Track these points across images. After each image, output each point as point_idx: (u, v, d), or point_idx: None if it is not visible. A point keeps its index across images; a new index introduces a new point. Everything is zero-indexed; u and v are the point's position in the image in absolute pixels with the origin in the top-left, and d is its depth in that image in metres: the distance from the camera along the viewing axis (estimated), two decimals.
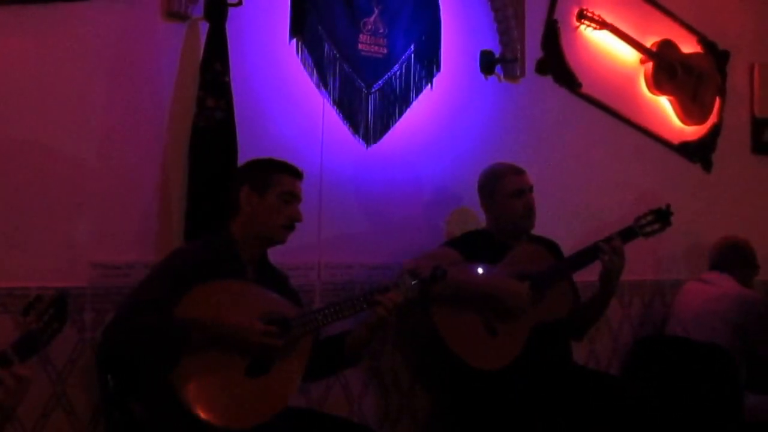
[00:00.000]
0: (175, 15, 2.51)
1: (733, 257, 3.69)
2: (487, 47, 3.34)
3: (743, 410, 3.29)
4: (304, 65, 2.81)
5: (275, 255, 2.43)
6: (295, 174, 2.35)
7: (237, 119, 2.53)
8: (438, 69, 3.12)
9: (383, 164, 3.02)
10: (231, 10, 2.54)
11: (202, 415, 2.00)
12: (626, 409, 2.71)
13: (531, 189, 2.91)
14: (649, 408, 2.76)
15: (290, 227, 2.31)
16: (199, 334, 2.02)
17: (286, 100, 2.81)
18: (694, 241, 3.94)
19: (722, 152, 4.37)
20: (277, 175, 2.31)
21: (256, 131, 2.66)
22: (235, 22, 2.59)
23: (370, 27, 2.95)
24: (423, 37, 3.08)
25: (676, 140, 4.17)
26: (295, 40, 2.77)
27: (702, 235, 3.90)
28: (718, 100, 4.36)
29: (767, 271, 4.17)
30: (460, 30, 3.29)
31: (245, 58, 2.67)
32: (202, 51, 2.52)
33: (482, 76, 3.33)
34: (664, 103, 4.13)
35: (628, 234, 2.91)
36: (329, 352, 2.37)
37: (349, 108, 2.90)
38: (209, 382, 2.05)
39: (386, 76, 2.99)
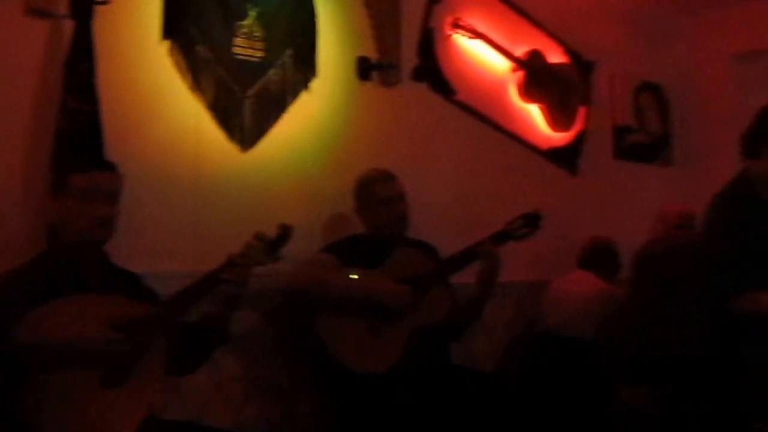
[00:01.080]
0: (37, 11, 2.39)
1: (596, 256, 3.87)
2: (364, 53, 3.37)
3: (612, 402, 3.47)
4: (177, 67, 2.74)
5: (148, 263, 2.35)
6: (99, 167, 2.15)
7: (105, 123, 2.43)
8: (314, 74, 3.12)
9: (260, 169, 2.98)
10: (99, 9, 2.45)
11: None
12: (503, 406, 2.77)
13: (402, 196, 2.94)
14: (525, 403, 2.83)
15: (101, 226, 2.12)
16: (39, 356, 1.88)
17: (159, 103, 2.73)
18: (564, 242, 4.10)
19: (587, 158, 4.56)
20: (74, 175, 2.12)
21: (125, 135, 2.57)
22: (103, 21, 2.49)
23: (245, 30, 2.91)
24: (299, 42, 3.07)
25: (544, 146, 4.32)
26: (167, 41, 2.70)
27: (570, 236, 4.05)
28: (583, 108, 4.54)
29: (626, 269, 4.43)
30: (337, 35, 3.29)
31: (114, 58, 2.57)
32: (67, 51, 2.41)
33: (359, 81, 3.35)
34: (533, 111, 4.27)
35: (501, 237, 3.00)
36: (191, 340, 2.28)
37: (224, 112, 2.85)
38: (65, 406, 1.91)
39: (262, 80, 2.96)
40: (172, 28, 2.70)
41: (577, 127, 4.52)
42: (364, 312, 2.72)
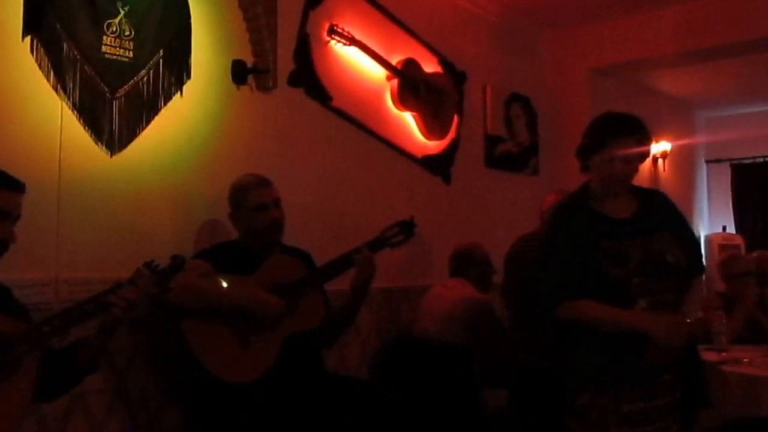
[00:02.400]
0: None
1: (466, 263, 3.96)
2: (239, 57, 3.32)
3: (480, 404, 3.59)
4: (40, 66, 2.60)
5: (5, 271, 2.22)
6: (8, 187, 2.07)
7: None
8: (188, 76, 3.05)
9: (130, 173, 2.88)
10: None
11: None
12: (375, 412, 2.80)
13: (277, 202, 2.92)
14: (397, 408, 2.88)
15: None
16: None
17: (18, 102, 2.58)
18: (437, 249, 4.20)
19: (460, 165, 4.69)
20: None
21: None
22: None
23: (115, 29, 2.80)
24: (172, 43, 2.99)
25: (419, 154, 4.40)
26: (29, 37, 2.57)
27: (444, 243, 4.14)
28: (456, 118, 4.65)
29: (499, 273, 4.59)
30: (212, 38, 3.23)
31: None
32: None
33: (234, 85, 3.31)
34: (408, 119, 4.34)
35: (376, 244, 3.05)
36: (61, 365, 2.18)
37: (91, 113, 2.73)
38: None
39: (133, 81, 2.86)
40: (34, 24, 2.56)
41: (451, 135, 4.63)
42: (235, 320, 2.68)
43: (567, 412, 2.48)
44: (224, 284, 2.70)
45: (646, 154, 2.54)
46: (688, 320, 2.41)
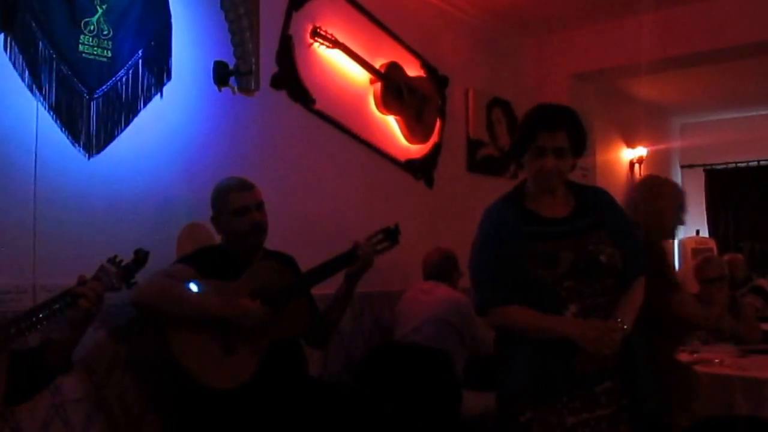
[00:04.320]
0: None
1: (444, 266, 3.90)
2: (221, 58, 3.21)
3: (461, 407, 3.51)
4: (15, 64, 2.48)
5: None
6: None
7: None
8: (168, 77, 2.93)
9: (108, 176, 2.77)
10: None
11: None
12: (358, 417, 2.75)
13: (259, 205, 2.83)
14: (380, 414, 2.83)
15: None
16: None
17: None
18: (420, 252, 4.12)
19: (442, 169, 4.63)
20: None
21: None
22: None
23: (92, 28, 2.68)
24: (152, 43, 2.88)
25: (402, 158, 4.34)
26: (2, 35, 2.44)
27: (427, 246, 4.05)
28: (438, 121, 4.60)
29: None
30: (193, 39, 3.13)
31: None
32: None
33: (216, 87, 3.20)
34: (391, 122, 4.28)
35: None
36: (30, 365, 2.10)
37: (68, 114, 2.61)
38: None
39: (111, 82, 2.74)
40: (8, 22, 2.44)
41: (434, 139, 4.58)
42: (219, 326, 2.59)
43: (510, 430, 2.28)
44: (203, 291, 2.59)
45: (575, 147, 2.30)
46: (623, 324, 2.21)
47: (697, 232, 8.35)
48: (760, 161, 8.19)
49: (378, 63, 4.12)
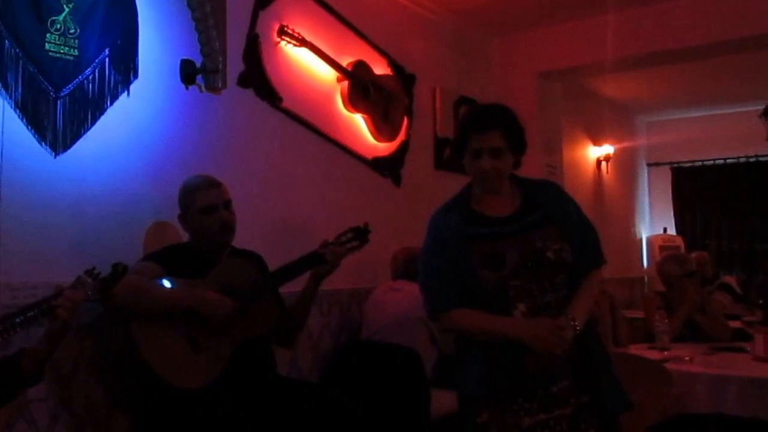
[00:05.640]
0: None
1: (413, 266, 3.89)
2: (188, 56, 3.25)
3: (430, 405, 3.56)
4: None
5: None
6: None
7: None
8: (135, 75, 2.97)
9: (74, 174, 2.80)
10: None
11: None
12: (326, 415, 2.79)
13: (227, 203, 2.86)
14: (347, 412, 2.86)
15: None
16: None
17: None
18: (388, 250, 4.18)
19: (410, 167, 4.69)
20: None
21: None
22: None
23: (59, 26, 2.72)
24: (119, 42, 2.91)
25: (369, 155, 4.38)
26: None
27: (395, 244, 4.12)
28: (406, 120, 4.65)
29: None
30: (159, 37, 3.16)
31: None
32: None
33: (183, 85, 3.24)
34: (358, 121, 4.32)
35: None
36: (4, 373, 2.13)
37: (33, 112, 2.64)
38: None
39: (78, 80, 2.77)
40: None
41: (401, 137, 4.63)
42: (187, 324, 2.62)
43: None
44: (181, 285, 2.64)
45: (513, 145, 2.28)
46: (574, 322, 2.16)
47: (665, 229, 8.51)
48: (726, 159, 8.26)
49: (345, 61, 4.17)
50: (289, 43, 3.80)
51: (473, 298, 2.23)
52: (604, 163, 7.44)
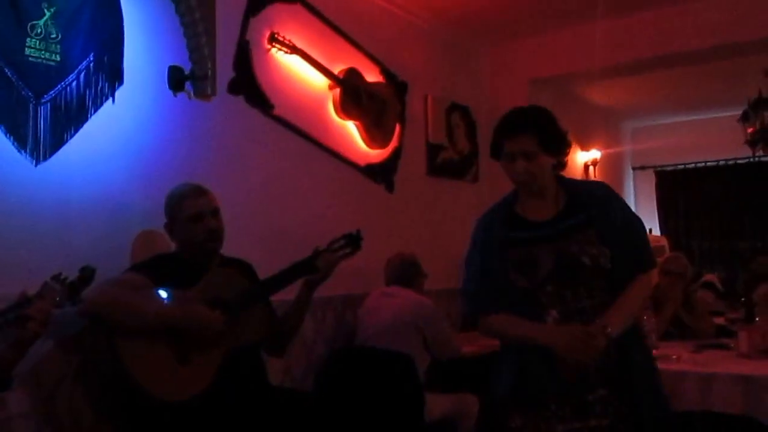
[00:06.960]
0: None
1: (407, 271, 3.81)
2: (176, 63, 3.06)
3: (424, 410, 3.39)
4: None
5: None
6: None
7: None
8: (121, 82, 2.78)
9: (57, 183, 2.61)
10: None
11: None
12: (318, 426, 2.65)
13: (214, 212, 2.66)
14: (342, 418, 2.71)
15: None
16: None
17: None
18: (381, 256, 4.02)
19: (402, 173, 4.54)
20: None
21: None
22: None
23: (39, 31, 2.51)
24: (104, 47, 2.72)
25: (362, 162, 4.23)
26: None
27: (388, 250, 3.95)
28: (398, 126, 4.51)
29: (443, 279, 4.44)
30: (147, 43, 2.98)
31: None
32: None
33: (171, 92, 3.04)
34: (351, 128, 4.17)
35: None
36: None
37: (13, 119, 2.44)
38: None
39: (60, 86, 2.58)
40: None
41: (393, 144, 4.48)
42: (173, 336, 2.42)
43: None
44: (159, 299, 2.43)
45: (547, 146, 2.13)
46: (607, 329, 1.98)
47: (650, 230, 8.39)
48: (707, 162, 8.29)
49: (337, 69, 4.01)
50: (280, 50, 3.63)
51: (509, 302, 2.12)
52: (591, 168, 7.35)
